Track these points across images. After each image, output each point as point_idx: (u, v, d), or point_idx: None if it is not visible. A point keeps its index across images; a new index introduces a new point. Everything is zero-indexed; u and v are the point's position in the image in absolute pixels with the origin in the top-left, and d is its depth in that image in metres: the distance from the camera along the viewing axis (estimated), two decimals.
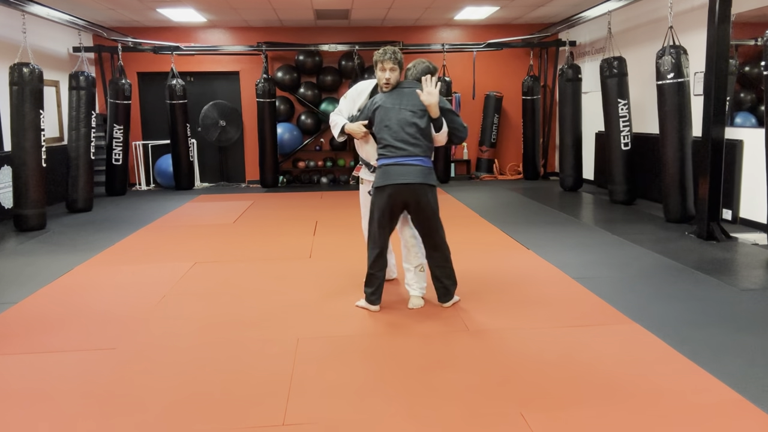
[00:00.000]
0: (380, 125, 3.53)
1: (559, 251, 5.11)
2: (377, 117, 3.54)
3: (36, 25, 7.74)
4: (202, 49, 9.88)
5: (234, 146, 10.51)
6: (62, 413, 2.52)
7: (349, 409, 2.51)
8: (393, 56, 3.52)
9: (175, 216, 7.32)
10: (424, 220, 3.56)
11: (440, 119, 3.53)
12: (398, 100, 3.51)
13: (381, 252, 3.62)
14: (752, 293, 3.93)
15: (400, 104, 3.49)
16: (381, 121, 3.52)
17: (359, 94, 3.81)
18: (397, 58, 3.53)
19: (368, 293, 3.70)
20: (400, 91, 3.56)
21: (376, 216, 3.57)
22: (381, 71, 3.55)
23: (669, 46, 6.05)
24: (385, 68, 3.53)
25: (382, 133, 3.52)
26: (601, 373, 2.79)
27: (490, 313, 3.64)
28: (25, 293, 4.20)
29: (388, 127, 3.49)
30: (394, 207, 3.52)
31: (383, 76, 3.55)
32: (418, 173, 3.45)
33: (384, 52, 3.54)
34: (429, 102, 3.46)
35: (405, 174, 3.44)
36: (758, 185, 5.75)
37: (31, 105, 6.37)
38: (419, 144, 3.48)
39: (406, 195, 3.47)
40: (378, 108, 3.54)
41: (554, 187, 9.30)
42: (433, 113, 3.49)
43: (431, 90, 3.45)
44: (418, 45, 10.00)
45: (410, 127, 3.47)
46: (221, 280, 4.51)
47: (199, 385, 2.76)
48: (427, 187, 3.50)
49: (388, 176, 3.47)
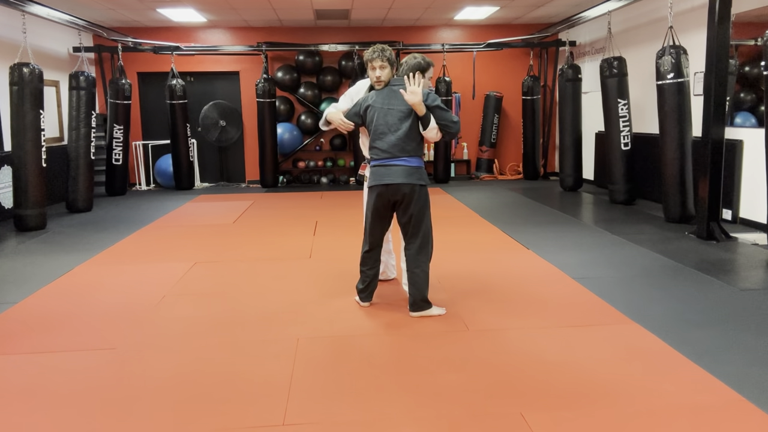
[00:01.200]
0: (370, 125, 3.57)
1: (559, 251, 5.11)
2: (368, 116, 3.58)
3: (36, 25, 7.74)
4: (202, 49, 9.88)
5: (234, 146, 10.51)
6: (62, 413, 2.52)
7: (349, 409, 2.51)
8: (381, 54, 3.53)
9: (175, 216, 7.32)
10: (406, 221, 3.54)
11: (427, 116, 3.47)
12: (387, 99, 3.52)
13: (370, 250, 3.67)
14: (752, 293, 3.93)
15: (388, 104, 3.51)
16: (371, 121, 3.55)
17: (358, 92, 3.84)
18: (385, 55, 3.53)
19: (359, 289, 3.78)
20: (390, 89, 3.56)
21: (367, 215, 3.65)
22: (371, 70, 3.58)
23: (669, 46, 6.05)
24: (374, 67, 3.55)
25: (372, 134, 3.56)
26: (601, 373, 2.79)
27: (490, 313, 3.64)
28: (25, 293, 4.20)
29: (375, 128, 3.52)
30: (381, 207, 3.56)
31: (374, 75, 3.58)
32: (402, 173, 3.46)
33: (373, 50, 3.55)
34: (412, 101, 3.41)
35: (390, 174, 3.47)
36: (758, 185, 5.75)
37: (31, 105, 6.37)
38: (405, 144, 3.47)
39: (391, 195, 3.49)
40: (368, 107, 3.57)
41: (554, 187, 9.30)
42: (418, 111, 3.45)
43: (413, 89, 3.40)
44: (418, 45, 10.01)
45: (396, 128, 3.47)
46: (221, 280, 4.51)
47: (199, 385, 2.76)
48: (412, 187, 3.47)
49: (375, 177, 3.53)
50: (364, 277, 3.74)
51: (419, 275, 3.56)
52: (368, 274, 3.71)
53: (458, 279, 4.38)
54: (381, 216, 3.61)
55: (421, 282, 3.56)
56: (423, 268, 3.57)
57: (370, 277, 3.71)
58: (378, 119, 3.51)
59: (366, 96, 3.65)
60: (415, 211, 3.51)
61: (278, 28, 10.16)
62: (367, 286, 3.73)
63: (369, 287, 3.73)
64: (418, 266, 3.57)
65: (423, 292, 3.57)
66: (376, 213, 3.59)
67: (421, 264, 3.57)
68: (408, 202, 3.49)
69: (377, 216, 3.60)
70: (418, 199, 3.50)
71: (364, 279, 3.74)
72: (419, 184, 3.50)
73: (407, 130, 3.48)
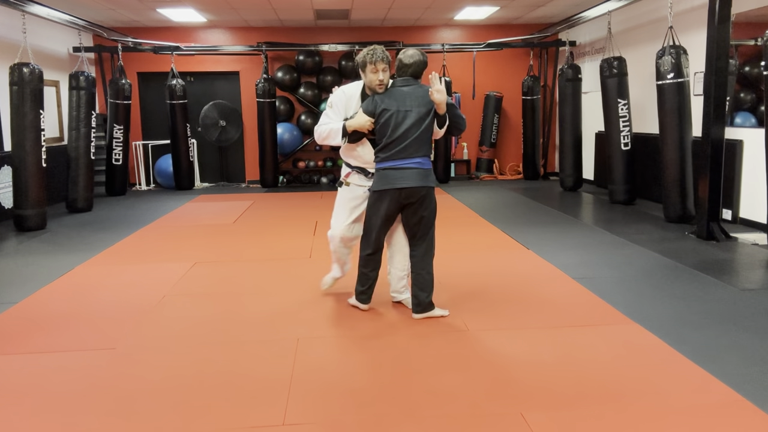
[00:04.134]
0: (384, 128, 3.41)
1: (559, 251, 5.11)
2: (382, 119, 3.40)
3: (36, 25, 7.74)
4: (202, 49, 9.88)
5: (234, 146, 10.51)
6: (62, 413, 2.52)
7: (349, 409, 2.51)
8: (384, 56, 3.39)
9: (175, 216, 7.32)
10: (416, 222, 3.50)
11: (445, 115, 3.50)
12: (402, 101, 3.40)
13: (374, 252, 3.60)
14: (752, 293, 3.93)
15: (404, 105, 3.39)
16: (386, 123, 3.40)
17: (349, 99, 3.53)
18: (388, 58, 3.42)
19: (359, 291, 3.70)
20: (399, 90, 3.44)
21: (373, 219, 3.52)
22: (373, 72, 3.39)
23: (669, 46, 6.05)
24: (377, 69, 3.37)
25: (383, 137, 3.41)
26: (601, 373, 2.79)
27: (490, 313, 3.64)
28: (25, 293, 4.20)
29: (392, 131, 3.38)
30: (393, 211, 3.48)
31: (376, 78, 3.39)
32: (418, 176, 3.41)
33: (373, 52, 3.38)
34: (440, 100, 3.37)
35: (405, 178, 3.39)
36: (758, 185, 5.75)
37: (31, 105, 6.37)
38: (421, 146, 3.43)
39: (404, 198, 3.42)
40: (383, 111, 3.40)
41: (554, 187, 9.30)
42: (441, 110, 3.44)
43: (440, 88, 3.36)
44: (418, 45, 10.00)
45: (415, 129, 3.39)
46: (221, 280, 4.51)
47: (199, 385, 2.76)
48: (428, 190, 3.46)
49: (386, 180, 3.41)
50: (365, 279, 3.66)
51: (425, 277, 3.55)
52: (370, 276, 3.65)
53: (458, 279, 4.38)
54: (390, 219, 3.54)
55: (428, 284, 3.55)
56: (429, 269, 3.57)
57: (372, 279, 3.67)
58: (395, 122, 3.38)
59: (373, 102, 3.43)
60: (427, 213, 3.49)
61: (278, 28, 10.16)
62: (368, 288, 3.68)
63: (370, 289, 3.69)
64: (424, 268, 3.56)
65: (429, 294, 3.56)
66: (386, 218, 3.49)
67: (427, 266, 3.56)
68: (421, 205, 3.45)
69: (387, 220, 3.51)
70: (431, 201, 3.49)
71: (365, 281, 3.67)
72: (433, 186, 3.50)
73: (424, 131, 3.43)
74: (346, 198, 3.72)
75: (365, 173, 3.64)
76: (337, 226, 3.76)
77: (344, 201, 3.73)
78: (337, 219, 3.77)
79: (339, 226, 3.75)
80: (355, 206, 3.70)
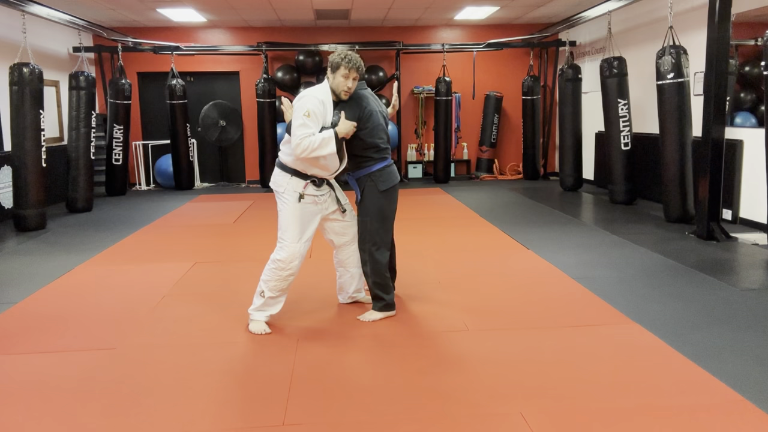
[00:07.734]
0: (376, 129, 3.48)
1: (559, 251, 5.11)
2: (371, 121, 3.46)
3: (36, 25, 7.74)
4: (202, 49, 9.88)
5: (234, 146, 10.51)
6: (62, 413, 2.52)
7: (349, 409, 2.51)
8: (360, 65, 3.39)
9: (175, 216, 7.32)
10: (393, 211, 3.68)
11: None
12: (375, 103, 3.56)
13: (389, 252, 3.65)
14: (752, 293, 3.93)
15: (378, 106, 3.58)
16: (377, 125, 3.50)
17: (324, 105, 3.36)
18: (363, 69, 3.44)
19: (390, 300, 3.58)
20: (364, 93, 3.52)
21: (391, 218, 3.59)
22: (345, 78, 3.34)
23: (669, 46, 6.05)
24: (349, 76, 3.35)
25: (375, 138, 3.48)
26: (601, 373, 2.79)
27: (490, 313, 3.64)
28: (25, 293, 4.20)
29: (382, 131, 3.55)
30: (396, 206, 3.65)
31: (346, 84, 3.35)
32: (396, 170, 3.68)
33: (349, 59, 3.34)
34: (392, 114, 3.88)
35: (395, 173, 3.62)
36: (758, 185, 5.75)
37: (31, 105, 6.37)
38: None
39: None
40: (370, 113, 3.47)
41: (554, 187, 9.29)
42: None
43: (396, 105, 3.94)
44: (418, 45, 10.01)
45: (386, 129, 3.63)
46: (221, 280, 4.51)
47: (199, 385, 2.76)
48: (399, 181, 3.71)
49: (388, 179, 3.54)
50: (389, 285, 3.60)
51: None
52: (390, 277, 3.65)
53: (458, 279, 4.38)
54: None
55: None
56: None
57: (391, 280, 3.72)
58: (380, 122, 3.53)
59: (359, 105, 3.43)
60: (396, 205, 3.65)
61: (278, 28, 10.16)
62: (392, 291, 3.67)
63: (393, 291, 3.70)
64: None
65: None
66: (394, 213, 3.62)
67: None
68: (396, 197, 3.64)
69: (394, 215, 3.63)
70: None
71: (389, 287, 3.60)
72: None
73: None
74: (304, 211, 3.42)
75: (316, 183, 3.47)
76: (296, 245, 3.39)
77: (301, 214, 3.41)
78: (292, 235, 3.40)
79: (298, 244, 3.39)
80: (310, 220, 3.46)
